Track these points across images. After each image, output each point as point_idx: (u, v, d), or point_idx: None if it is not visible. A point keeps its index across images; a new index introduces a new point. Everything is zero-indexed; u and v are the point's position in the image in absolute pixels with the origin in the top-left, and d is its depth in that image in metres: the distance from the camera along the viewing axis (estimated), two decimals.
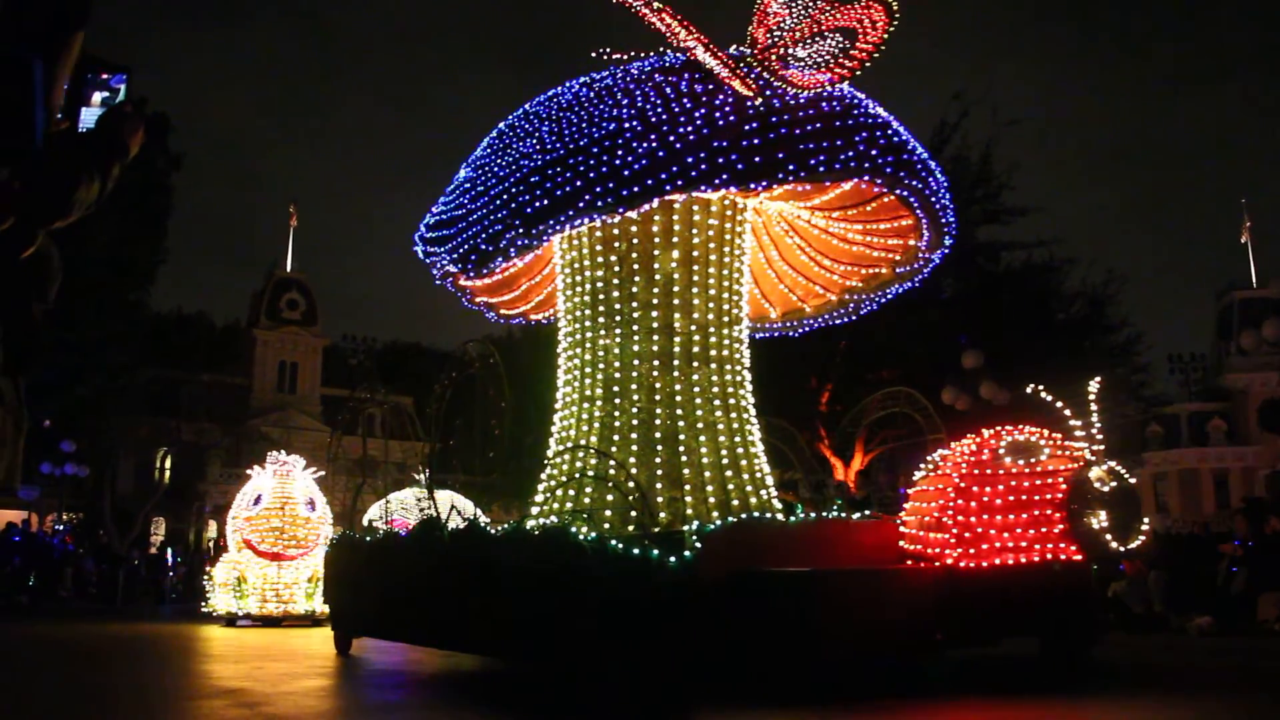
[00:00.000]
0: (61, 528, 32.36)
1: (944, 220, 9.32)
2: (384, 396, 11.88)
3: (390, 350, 62.54)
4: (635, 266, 10.10)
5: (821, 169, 8.48)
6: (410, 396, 36.06)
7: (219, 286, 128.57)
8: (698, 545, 7.17)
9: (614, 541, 7.22)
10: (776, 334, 12.26)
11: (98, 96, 2.71)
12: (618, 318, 10.12)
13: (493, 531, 8.64)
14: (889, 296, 11.04)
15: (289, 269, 54.64)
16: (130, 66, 2.77)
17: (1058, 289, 44.53)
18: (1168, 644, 12.11)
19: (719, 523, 8.52)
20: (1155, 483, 46.10)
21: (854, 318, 11.59)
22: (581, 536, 7.46)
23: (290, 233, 54.83)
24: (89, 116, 2.68)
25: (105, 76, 2.72)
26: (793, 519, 8.97)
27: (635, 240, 10.12)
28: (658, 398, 9.89)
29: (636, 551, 7.08)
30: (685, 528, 8.07)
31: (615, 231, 10.16)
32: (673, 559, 7.06)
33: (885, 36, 8.48)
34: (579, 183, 8.87)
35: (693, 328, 10.05)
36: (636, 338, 10.02)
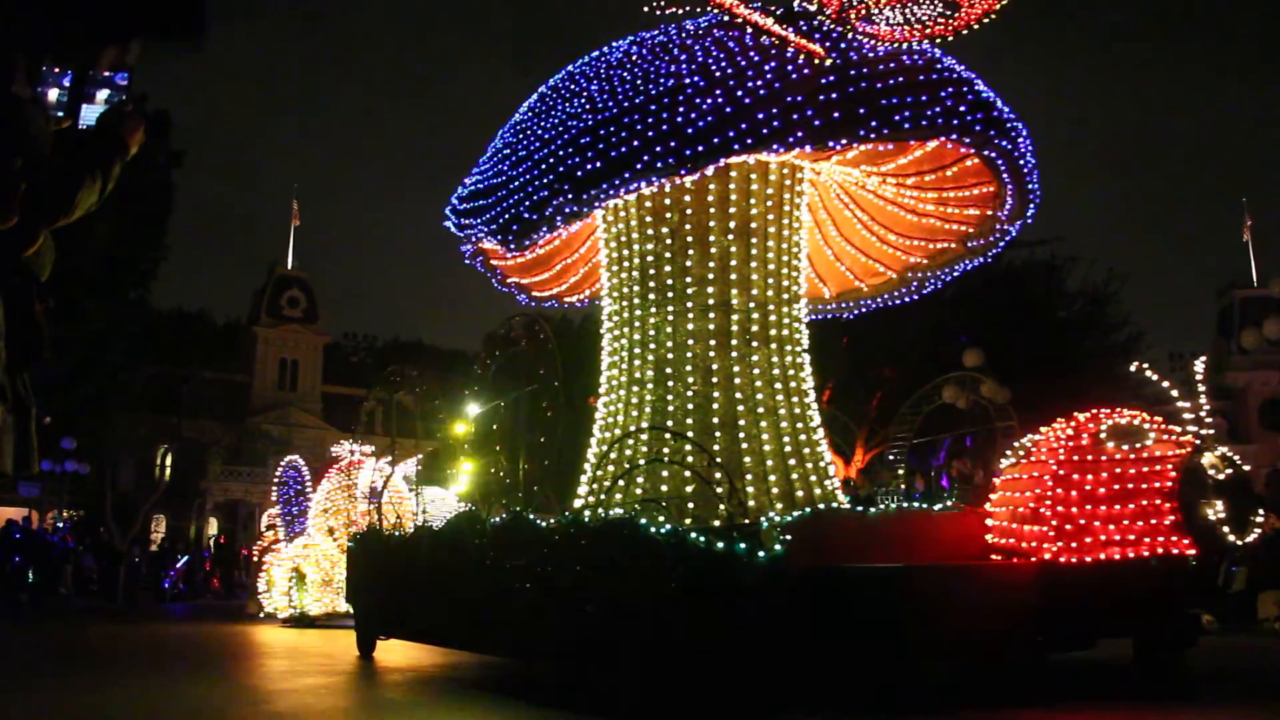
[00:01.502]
0: (62, 525, 31.33)
1: (1030, 186, 8.41)
2: (417, 379, 10.87)
3: (392, 348, 61.41)
4: (688, 239, 9.17)
5: (907, 125, 7.56)
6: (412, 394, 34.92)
7: (220, 284, 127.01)
8: (786, 539, 6.24)
9: (693, 534, 6.27)
10: (830, 316, 11.33)
11: (102, 94, 2.68)
12: (669, 294, 9.18)
13: (542, 525, 7.69)
14: (955, 274, 10.12)
15: (290, 266, 53.41)
16: (131, 64, 2.73)
17: (1059, 287, 44.03)
18: None
19: (794, 514, 7.59)
20: None
21: (915, 297, 10.66)
22: (653, 529, 6.53)
23: (291, 230, 53.73)
24: (92, 114, 2.66)
25: (108, 74, 2.69)
26: (872, 510, 8.04)
27: (688, 211, 9.19)
28: (714, 380, 8.95)
29: (721, 545, 6.14)
30: (762, 519, 7.13)
31: (666, 201, 9.23)
32: (761, 554, 6.14)
33: (996, 8, 7.63)
34: (636, 142, 7.93)
35: (750, 305, 9.12)
36: (690, 316, 9.08)
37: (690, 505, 8.17)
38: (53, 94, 2.64)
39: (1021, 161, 8.16)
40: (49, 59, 2.61)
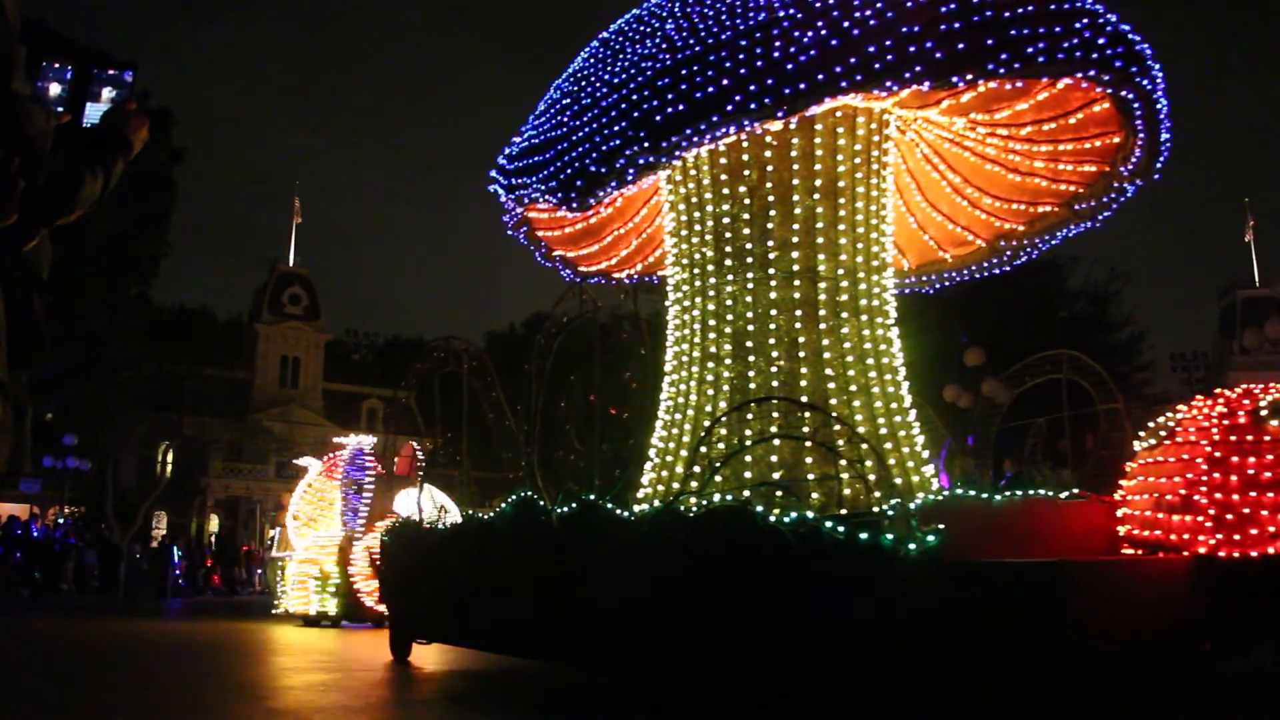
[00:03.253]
0: (63, 521, 30.10)
1: (1162, 136, 7.30)
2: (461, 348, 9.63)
3: (392, 346, 60.06)
4: (769, 199, 8.04)
5: (1041, 59, 6.45)
6: (414, 393, 33.86)
7: (221, 281, 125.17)
8: (940, 528, 5.12)
9: (829, 524, 5.14)
10: (907, 290, 10.18)
11: (108, 93, 2.59)
12: (749, 259, 8.04)
13: (624, 515, 6.55)
14: (1053, 242, 8.98)
15: (291, 263, 51.97)
16: (136, 62, 2.64)
17: (1060, 287, 43.13)
18: None
19: (918, 501, 6.47)
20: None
21: (1007, 269, 9.53)
22: (772, 518, 5.40)
23: (293, 227, 52.25)
24: (96, 112, 2.57)
25: (113, 72, 2.60)
26: (997, 498, 6.92)
27: (769, 168, 8.06)
28: (801, 355, 7.81)
29: (864, 536, 5.01)
30: (884, 507, 6.00)
31: (744, 158, 8.11)
32: (912, 546, 5.01)
33: None
34: (725, 81, 6.79)
35: (839, 271, 7.99)
36: (773, 283, 7.95)
37: (779, 493, 7.05)
38: (54, 89, 2.52)
39: (1159, 106, 7.05)
40: (49, 55, 2.52)
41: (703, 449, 6.96)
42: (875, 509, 5.87)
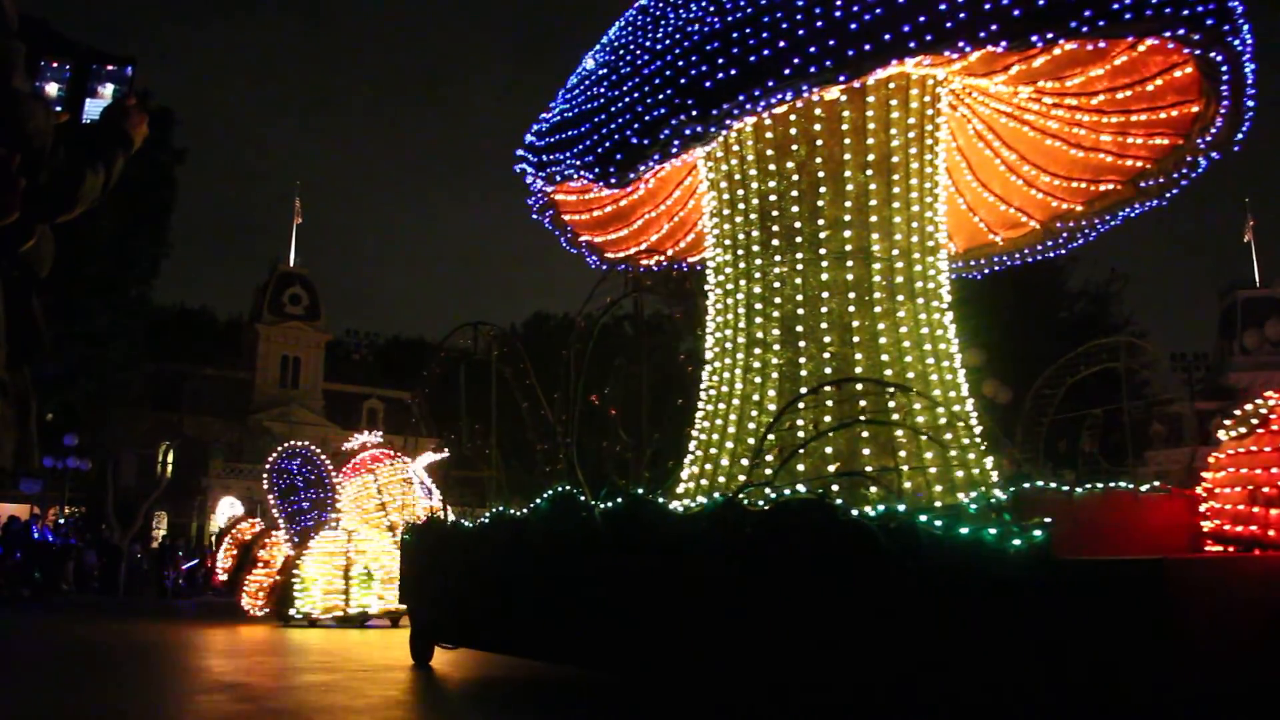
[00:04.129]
0: (64, 521, 29.47)
1: (1247, 103, 6.73)
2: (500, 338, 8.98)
3: (393, 346, 59.43)
4: (819, 175, 7.47)
5: (1127, 16, 5.88)
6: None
7: (222, 281, 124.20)
8: (1047, 522, 4.54)
9: (923, 517, 4.57)
10: (953, 275, 9.58)
11: (108, 89, 2.58)
12: (797, 239, 7.47)
13: (678, 510, 5.96)
14: (1112, 223, 8.41)
15: (292, 263, 51.22)
16: (135, 57, 2.63)
17: (1061, 287, 42.73)
18: None
19: (998, 494, 5.89)
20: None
21: (1062, 252, 8.97)
22: (855, 512, 4.82)
23: (294, 227, 51.51)
24: (97, 108, 2.56)
25: (112, 68, 2.59)
26: (1078, 490, 6.36)
27: (818, 142, 7.49)
28: (855, 339, 7.25)
29: (965, 531, 4.44)
30: (962, 499, 5.43)
31: (791, 132, 7.54)
32: (1016, 541, 4.44)
33: None
34: (782, 44, 6.23)
35: (894, 252, 7.43)
36: (824, 264, 7.37)
37: (835, 487, 6.46)
38: (53, 88, 2.50)
39: (1246, 70, 6.49)
40: (48, 54, 2.50)
41: (769, 437, 6.36)
42: (938, 503, 5.32)
